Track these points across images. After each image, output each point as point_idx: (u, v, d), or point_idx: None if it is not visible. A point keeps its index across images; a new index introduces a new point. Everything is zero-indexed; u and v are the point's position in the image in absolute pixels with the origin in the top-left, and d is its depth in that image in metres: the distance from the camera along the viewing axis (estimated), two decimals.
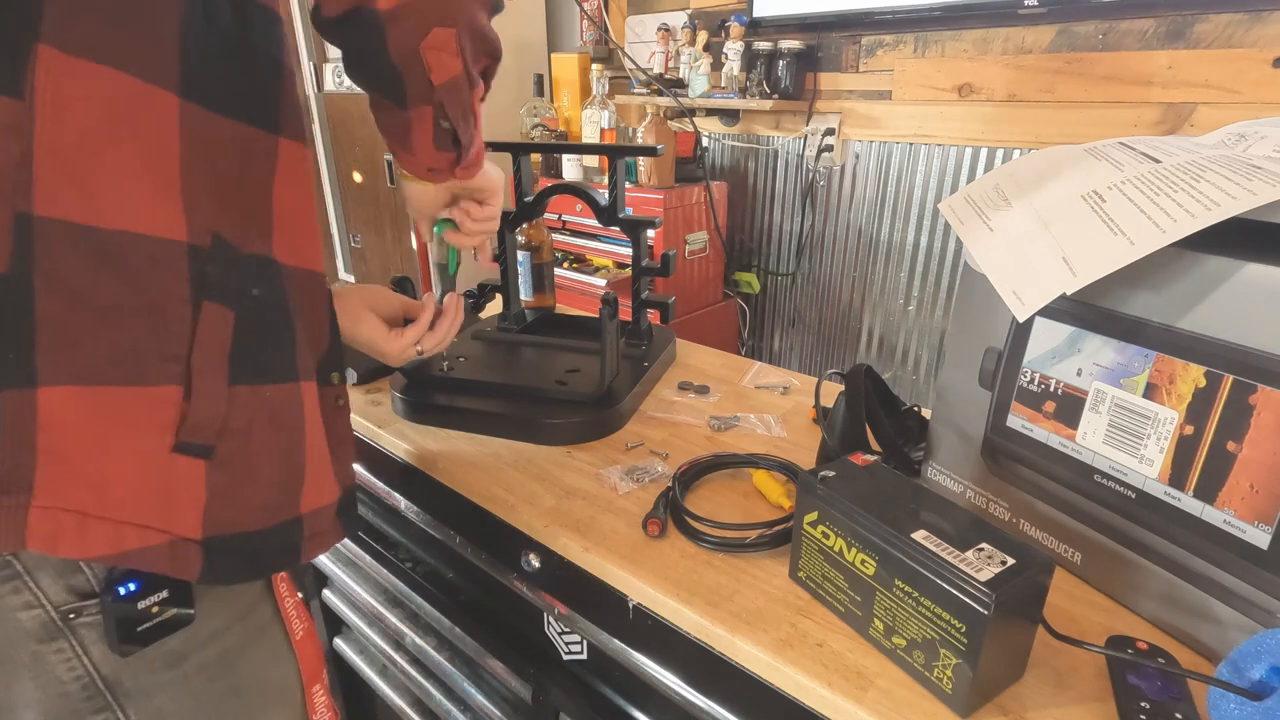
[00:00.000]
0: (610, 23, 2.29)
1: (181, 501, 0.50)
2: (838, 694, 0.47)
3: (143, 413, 0.48)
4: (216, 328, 0.51)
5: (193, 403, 0.50)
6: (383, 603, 0.97)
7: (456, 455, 0.76)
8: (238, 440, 0.52)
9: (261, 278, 0.54)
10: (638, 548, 0.61)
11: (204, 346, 0.50)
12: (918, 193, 1.81)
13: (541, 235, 1.09)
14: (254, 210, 0.54)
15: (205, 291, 0.50)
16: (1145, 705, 0.45)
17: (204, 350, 0.50)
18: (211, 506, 0.51)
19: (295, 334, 0.57)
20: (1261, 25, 1.30)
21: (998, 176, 0.59)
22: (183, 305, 0.49)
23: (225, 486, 0.52)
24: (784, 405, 0.88)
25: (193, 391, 0.50)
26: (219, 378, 0.51)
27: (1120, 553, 0.54)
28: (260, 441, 0.53)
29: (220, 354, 0.51)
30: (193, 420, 0.50)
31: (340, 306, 0.74)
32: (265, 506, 0.54)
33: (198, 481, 0.50)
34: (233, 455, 0.52)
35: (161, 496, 0.49)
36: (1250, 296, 0.43)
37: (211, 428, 0.51)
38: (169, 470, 0.49)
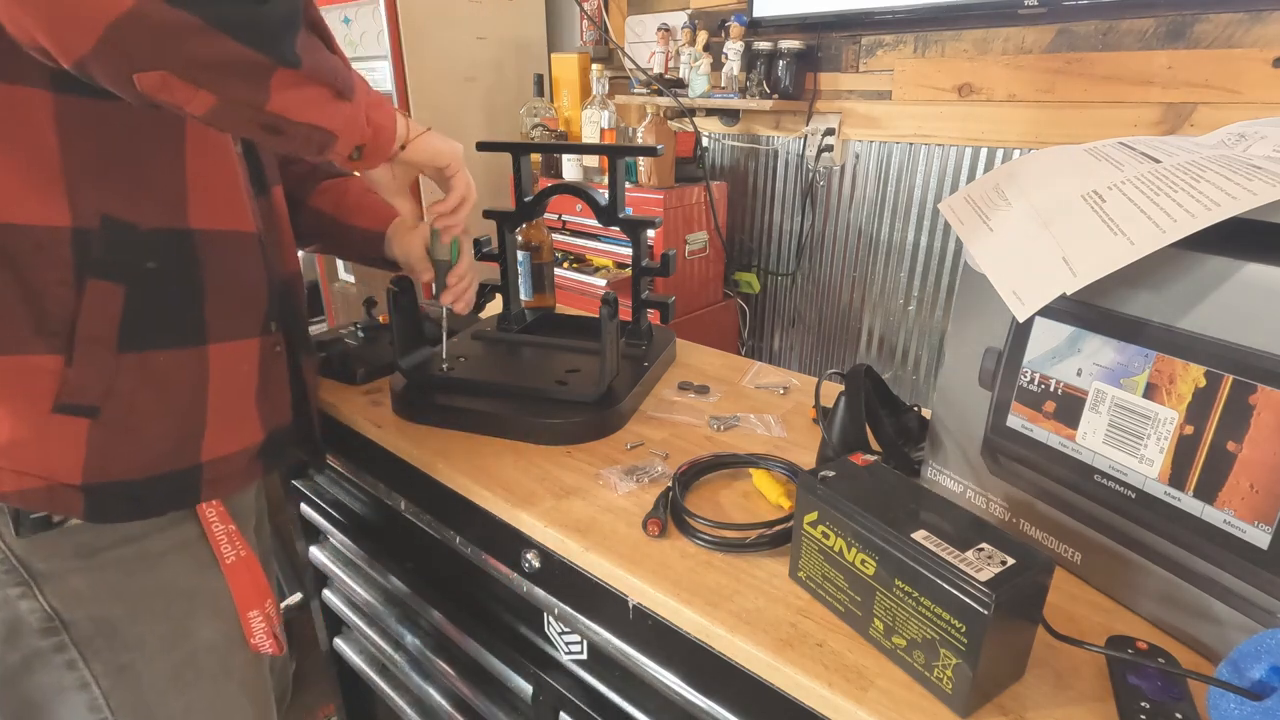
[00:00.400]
0: (610, 23, 2.29)
1: (61, 453, 0.56)
2: (838, 694, 0.47)
3: (21, 378, 0.54)
4: (102, 302, 0.56)
5: (74, 370, 0.55)
6: (383, 603, 0.97)
7: (456, 455, 0.76)
8: (123, 402, 0.58)
9: (162, 251, 0.58)
10: (638, 548, 0.61)
11: (89, 319, 0.55)
12: (918, 193, 1.81)
13: (541, 235, 1.09)
14: (160, 185, 0.58)
15: (90, 271, 0.55)
16: (1145, 705, 0.45)
17: (89, 322, 0.55)
18: (91, 458, 0.57)
19: (205, 298, 0.62)
20: (1261, 25, 1.30)
21: (998, 176, 0.59)
22: (62, 288, 0.54)
23: (106, 441, 0.57)
24: (784, 405, 0.88)
25: (74, 360, 0.55)
26: (104, 348, 0.56)
27: (1120, 553, 0.54)
28: (147, 402, 0.59)
29: (108, 325, 0.56)
30: (73, 385, 0.55)
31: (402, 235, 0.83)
32: (152, 458, 0.60)
33: (78, 437, 0.56)
34: (117, 415, 0.58)
35: (39, 448, 0.55)
36: (1250, 296, 0.43)
37: (94, 391, 0.56)
38: (46, 427, 0.55)
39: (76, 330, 0.55)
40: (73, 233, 0.54)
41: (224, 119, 0.49)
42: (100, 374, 0.56)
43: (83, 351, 0.55)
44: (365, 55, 2.01)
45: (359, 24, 2.00)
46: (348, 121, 0.55)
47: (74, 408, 0.55)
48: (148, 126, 0.56)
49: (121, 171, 0.55)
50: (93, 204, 0.54)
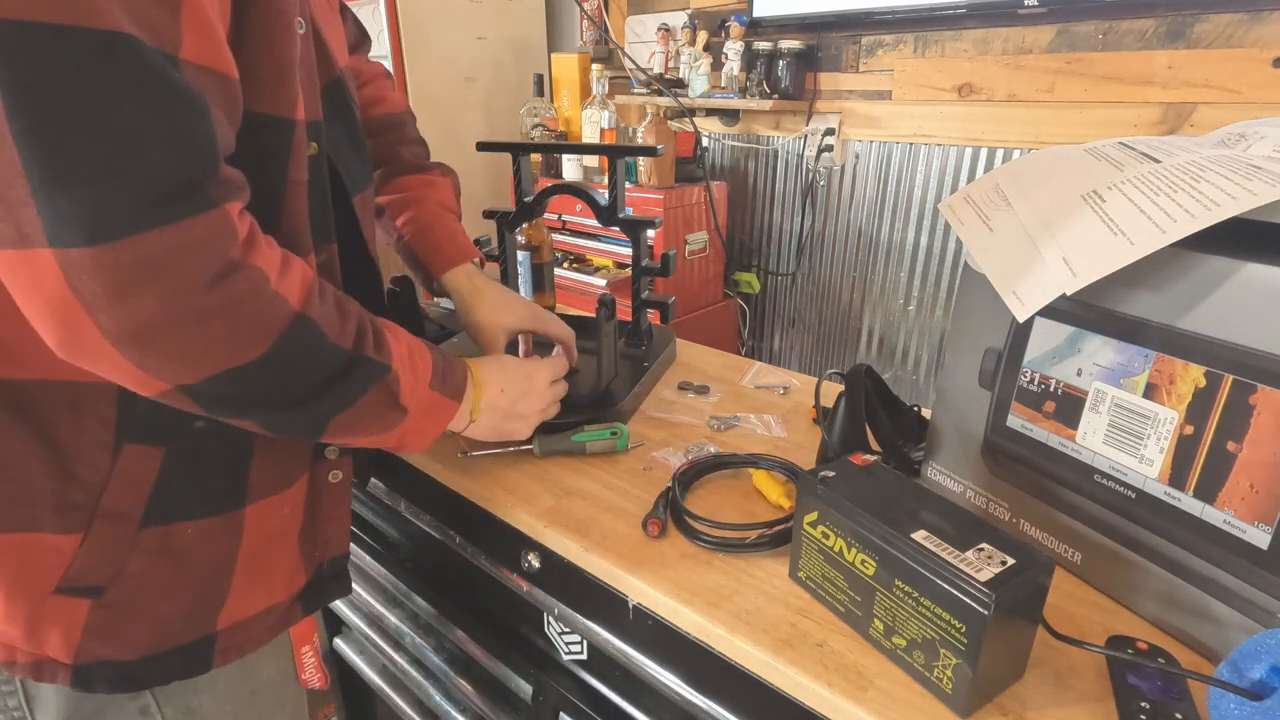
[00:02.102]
0: (610, 23, 2.29)
1: (53, 633, 0.50)
2: (838, 694, 0.47)
3: (25, 558, 0.48)
4: (136, 470, 0.49)
5: (86, 549, 0.49)
6: (383, 603, 0.97)
7: (456, 455, 0.75)
8: (133, 581, 0.51)
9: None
10: (638, 548, 0.61)
11: (117, 491, 0.49)
12: (918, 193, 1.81)
13: (541, 235, 1.09)
14: None
15: (129, 434, 0.49)
16: (1145, 705, 0.45)
17: (116, 495, 0.49)
18: (86, 641, 0.51)
19: (253, 456, 0.55)
20: (1261, 25, 1.30)
21: (998, 176, 0.59)
22: (99, 450, 0.48)
23: (105, 624, 0.51)
24: (784, 405, 0.88)
25: (89, 538, 0.49)
26: (127, 524, 0.50)
27: (1120, 553, 0.54)
28: (160, 581, 0.52)
29: (137, 497, 0.50)
30: (82, 567, 0.49)
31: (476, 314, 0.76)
32: (155, 638, 0.53)
33: (76, 618, 0.50)
34: (123, 595, 0.51)
35: (30, 628, 0.49)
36: (1250, 296, 0.43)
37: (104, 572, 0.50)
38: (43, 607, 0.49)
39: (101, 503, 0.48)
40: (119, 390, 0.47)
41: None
42: (115, 553, 0.50)
43: (101, 528, 0.49)
44: None
45: None
46: (381, 442, 0.57)
47: (78, 589, 0.49)
48: None
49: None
50: None
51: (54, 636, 0.50)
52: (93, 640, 0.51)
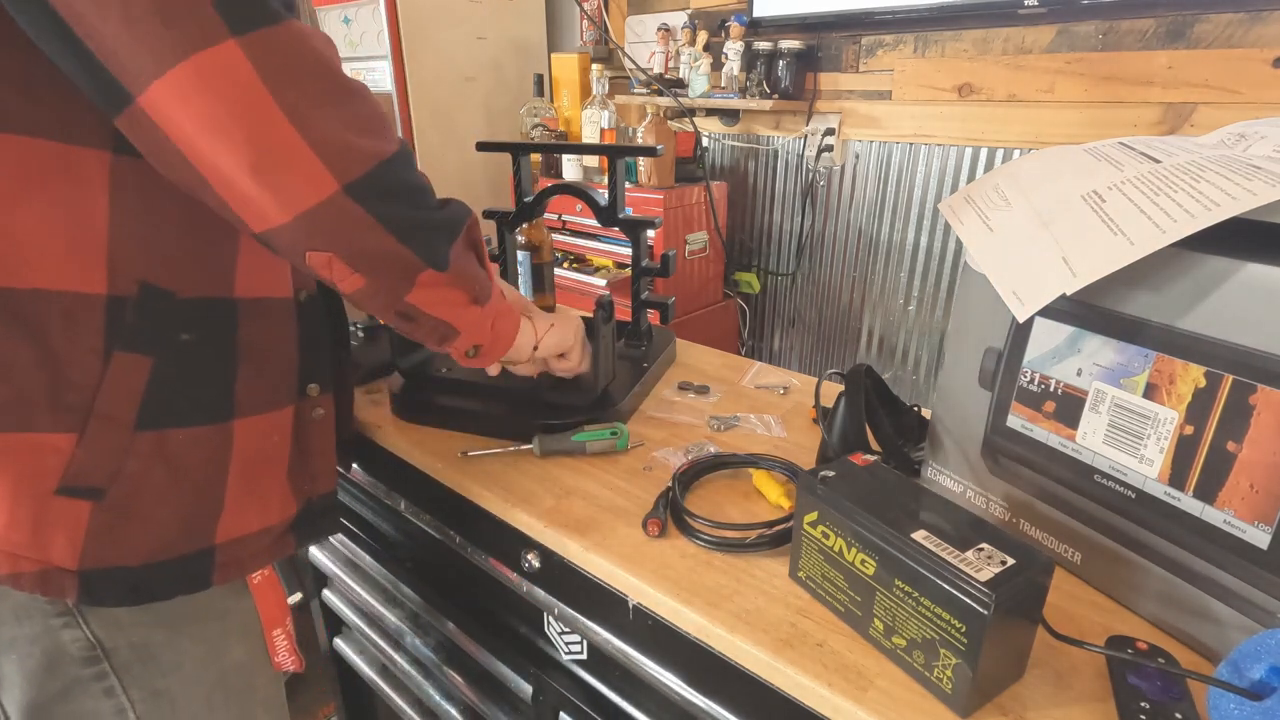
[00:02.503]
0: (610, 23, 2.29)
1: (57, 537, 0.52)
2: (838, 694, 0.47)
3: (25, 458, 0.50)
4: (126, 376, 0.52)
5: (83, 449, 0.51)
6: (383, 603, 0.97)
7: (455, 455, 0.75)
8: (131, 483, 0.53)
9: (200, 321, 0.55)
10: (638, 548, 0.61)
11: (109, 395, 0.51)
12: (918, 193, 1.81)
13: (541, 235, 1.09)
14: (210, 251, 0.55)
15: (119, 342, 0.51)
16: (1145, 705, 0.45)
17: (108, 398, 0.51)
18: (90, 544, 0.53)
19: (237, 372, 0.58)
20: (1261, 25, 1.30)
21: (998, 176, 0.59)
22: (90, 356, 0.51)
23: (108, 526, 0.53)
24: (784, 405, 0.88)
25: (85, 439, 0.51)
26: (121, 426, 0.52)
27: (1120, 553, 0.54)
28: (157, 485, 0.55)
29: (129, 402, 0.52)
30: (80, 466, 0.51)
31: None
32: (157, 544, 0.55)
33: (78, 521, 0.52)
34: (124, 498, 0.53)
35: (34, 531, 0.51)
36: (1250, 296, 0.43)
37: (102, 472, 0.52)
38: (46, 509, 0.51)
39: (95, 405, 0.51)
40: (107, 300, 0.51)
41: (368, 300, 0.54)
42: (111, 454, 0.52)
43: (97, 429, 0.51)
44: (365, 55, 2.01)
45: (359, 24, 2.00)
46: (473, 324, 0.61)
47: (78, 489, 0.52)
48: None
49: (171, 237, 0.53)
50: (134, 270, 0.51)
51: (58, 540, 0.52)
52: (96, 543, 0.53)
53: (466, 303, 0.59)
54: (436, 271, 0.55)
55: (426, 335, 0.60)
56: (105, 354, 0.51)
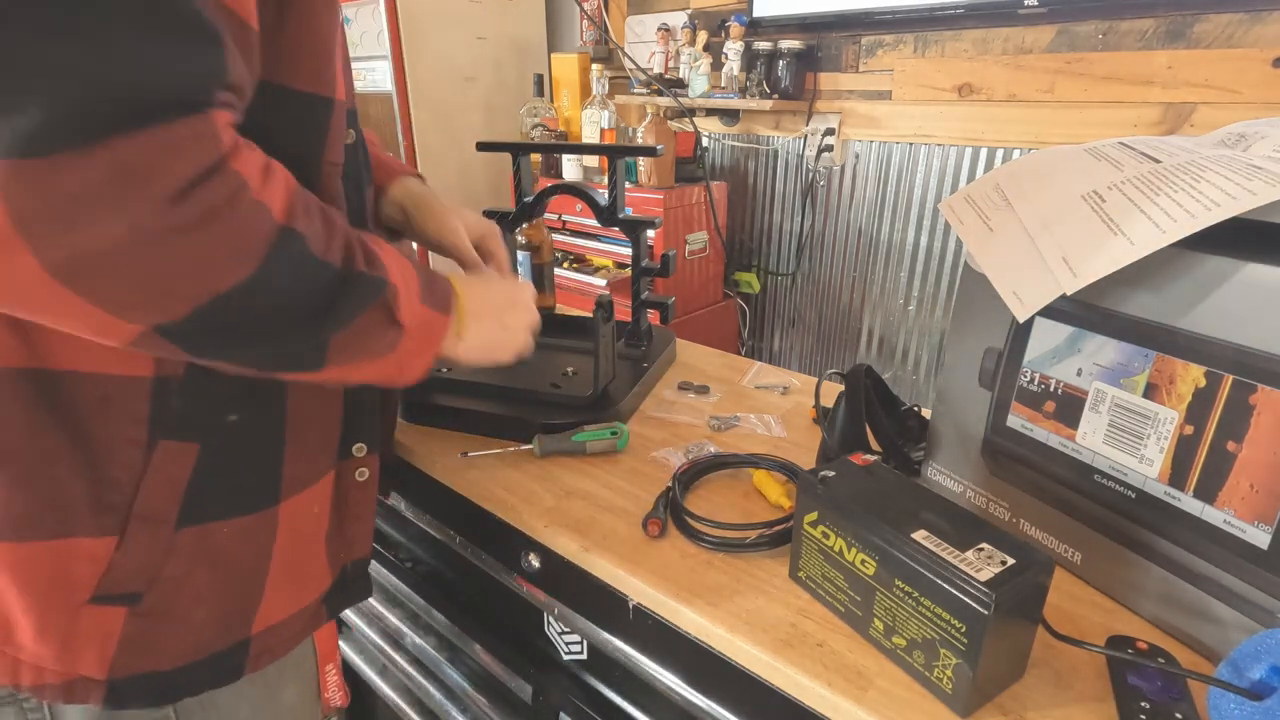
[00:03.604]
0: (610, 23, 2.29)
1: (88, 648, 0.47)
2: (838, 694, 0.47)
3: (60, 568, 0.45)
4: (171, 469, 0.47)
5: (122, 553, 0.46)
6: (383, 603, 0.97)
7: (455, 455, 0.75)
8: (171, 587, 0.49)
9: (249, 397, 0.50)
10: (638, 548, 0.61)
11: (151, 492, 0.46)
12: (918, 193, 1.81)
13: (541, 235, 1.09)
14: None
15: (163, 429, 0.46)
16: (1145, 705, 0.45)
17: (151, 495, 0.46)
18: (122, 653, 0.48)
19: (286, 445, 0.52)
20: (1261, 25, 1.30)
21: (998, 176, 0.59)
22: (132, 448, 0.45)
23: (141, 634, 0.48)
24: (784, 405, 0.88)
25: (126, 541, 0.46)
26: (163, 525, 0.47)
27: (1120, 553, 0.54)
28: (199, 585, 0.50)
29: (171, 496, 0.47)
30: (117, 572, 0.46)
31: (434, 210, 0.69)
32: (192, 646, 0.51)
33: (111, 630, 0.47)
34: (159, 602, 0.49)
35: (65, 644, 0.46)
36: (1250, 296, 0.43)
37: (140, 578, 0.47)
38: (77, 621, 0.46)
39: (136, 503, 0.46)
40: (153, 383, 0.45)
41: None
42: (151, 556, 0.47)
43: (137, 530, 0.46)
44: (365, 55, 2.01)
45: (359, 24, 2.00)
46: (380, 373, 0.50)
47: (114, 597, 0.46)
48: None
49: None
50: None
51: (88, 652, 0.47)
52: (128, 652, 0.48)
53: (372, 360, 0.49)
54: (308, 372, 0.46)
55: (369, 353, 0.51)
56: (148, 444, 0.46)
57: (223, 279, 0.38)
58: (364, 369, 0.49)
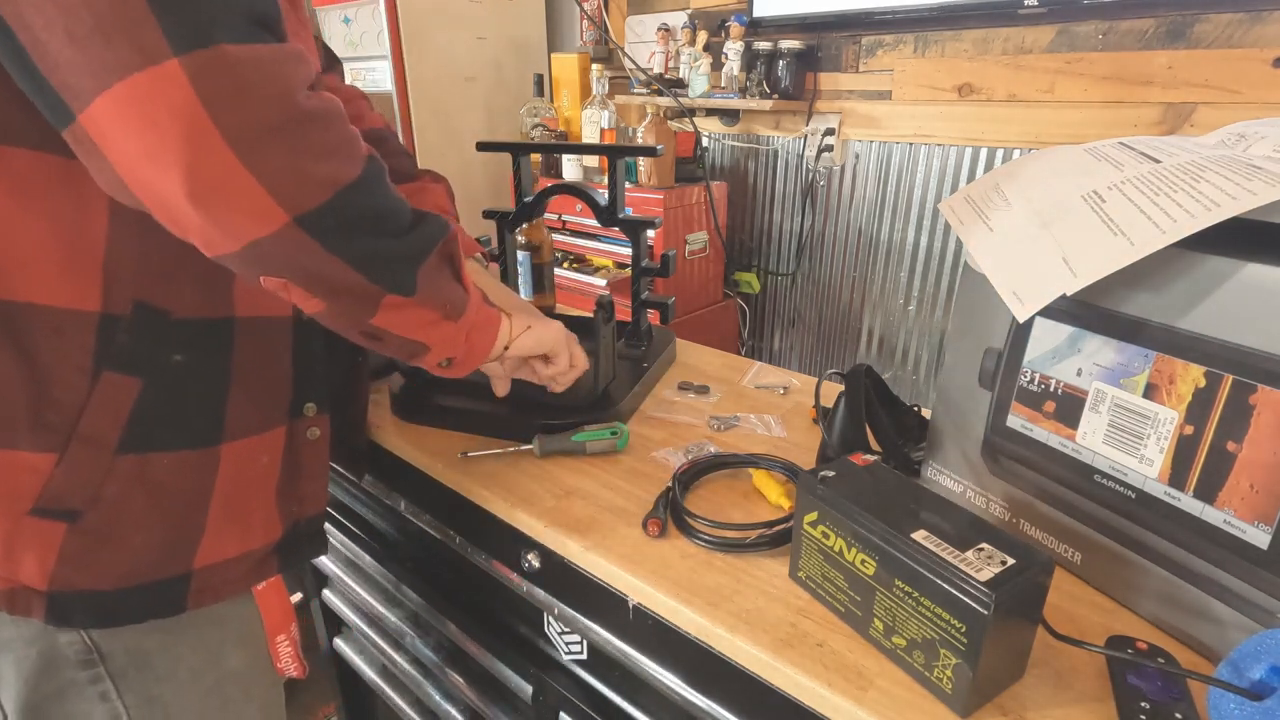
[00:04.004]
0: (610, 23, 2.29)
1: (27, 557, 0.51)
2: (838, 694, 0.47)
3: (5, 475, 0.49)
4: (113, 397, 0.51)
5: (62, 470, 0.50)
6: (383, 603, 0.97)
7: (455, 455, 0.75)
8: (109, 508, 0.52)
9: (195, 341, 0.54)
10: (638, 548, 0.61)
11: (94, 416, 0.50)
12: (918, 193, 1.81)
13: (541, 235, 1.09)
14: (211, 271, 0.52)
15: (108, 362, 0.50)
16: (1145, 705, 0.45)
17: (92, 419, 0.50)
18: (61, 567, 0.52)
19: (229, 392, 0.56)
20: (1261, 25, 1.30)
21: (998, 176, 0.59)
22: (77, 375, 0.50)
23: (80, 550, 0.52)
24: (784, 405, 0.88)
25: (65, 459, 0.50)
26: (102, 448, 0.51)
27: (1120, 553, 0.54)
28: (136, 510, 0.53)
29: (112, 423, 0.51)
30: (58, 488, 0.50)
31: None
32: (130, 569, 0.54)
33: (51, 542, 0.51)
34: (99, 522, 0.52)
35: (5, 550, 0.50)
36: (1250, 296, 0.43)
37: (79, 495, 0.51)
38: (18, 529, 0.50)
39: (78, 426, 0.50)
40: (100, 318, 0.50)
41: (329, 321, 0.53)
42: (90, 477, 0.51)
43: (77, 451, 0.50)
44: (365, 55, 2.01)
45: (359, 24, 2.00)
46: (445, 339, 0.58)
47: (53, 511, 0.50)
48: None
49: (171, 256, 0.51)
50: (129, 289, 0.50)
51: (29, 560, 0.51)
52: (68, 566, 0.52)
53: (438, 320, 0.56)
54: (402, 296, 0.52)
55: (395, 351, 0.57)
56: (93, 373, 0.50)
57: (344, 171, 0.46)
58: (442, 328, 0.57)
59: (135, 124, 0.39)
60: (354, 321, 0.53)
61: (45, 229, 0.47)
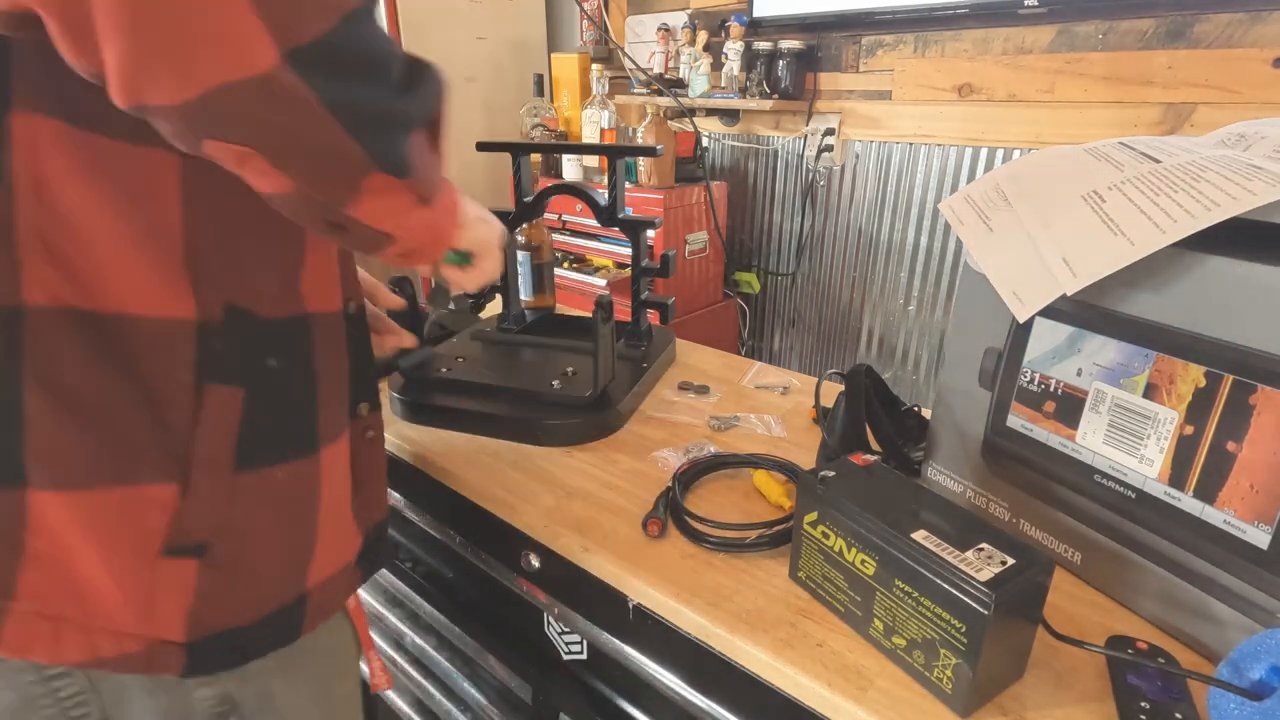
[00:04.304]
0: (610, 23, 2.29)
1: (165, 606, 0.46)
2: (838, 694, 0.47)
3: (132, 516, 0.45)
4: (222, 413, 0.46)
5: (189, 500, 0.46)
6: (383, 603, 0.97)
7: (456, 455, 0.76)
8: (237, 535, 0.48)
9: (283, 342, 0.50)
10: (638, 548, 0.61)
11: (207, 436, 0.46)
12: (918, 193, 1.81)
13: (541, 235, 1.09)
14: (280, 263, 0.49)
15: (210, 373, 0.46)
16: (1145, 705, 0.45)
17: (206, 440, 0.46)
18: (197, 609, 0.47)
19: (318, 393, 0.52)
20: (1261, 25, 1.30)
21: (998, 176, 0.59)
22: (183, 393, 0.45)
23: (216, 587, 0.48)
24: (784, 405, 0.88)
25: (190, 488, 0.45)
26: (222, 470, 0.47)
27: (1120, 553, 0.54)
28: (263, 532, 0.50)
29: (226, 442, 0.47)
30: (187, 520, 0.46)
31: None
32: (260, 598, 0.51)
33: (186, 583, 0.46)
34: (229, 552, 0.48)
35: (142, 603, 0.45)
36: (1250, 296, 0.43)
37: (208, 525, 0.47)
38: (153, 574, 0.45)
39: (194, 448, 0.45)
40: (196, 326, 0.45)
41: (288, 207, 0.42)
42: (216, 502, 0.47)
43: (199, 475, 0.46)
44: None
45: None
46: (414, 228, 0.48)
47: (184, 548, 0.46)
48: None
49: (245, 249, 0.47)
50: (216, 290, 0.45)
51: (169, 608, 0.46)
52: (205, 607, 0.47)
53: (413, 206, 0.46)
54: (392, 176, 0.42)
55: (352, 244, 0.49)
56: (197, 389, 0.45)
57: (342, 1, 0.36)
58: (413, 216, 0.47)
59: None
60: (322, 210, 0.42)
61: (120, 224, 0.42)
